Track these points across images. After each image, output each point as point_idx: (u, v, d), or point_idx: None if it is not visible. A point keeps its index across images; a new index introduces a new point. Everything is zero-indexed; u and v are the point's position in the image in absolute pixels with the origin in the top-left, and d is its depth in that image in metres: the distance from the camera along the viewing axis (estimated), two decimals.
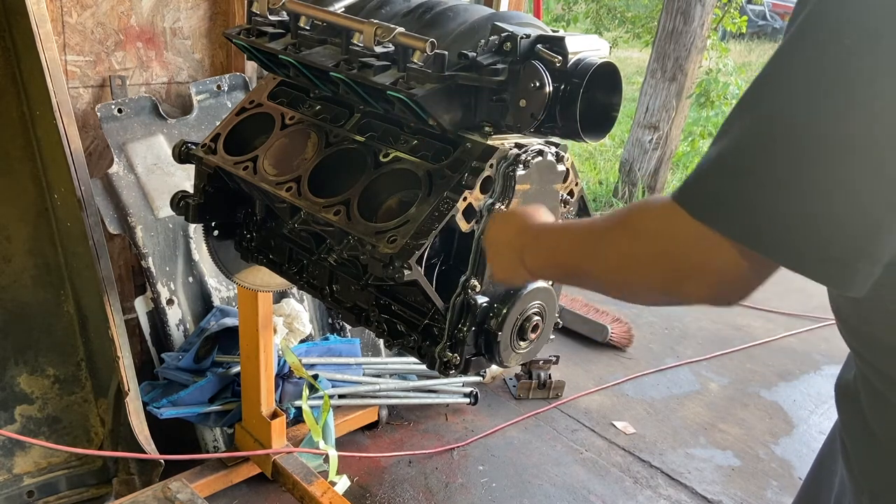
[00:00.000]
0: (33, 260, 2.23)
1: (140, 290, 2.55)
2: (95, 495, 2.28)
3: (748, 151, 0.72)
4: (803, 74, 0.70)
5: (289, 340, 2.51)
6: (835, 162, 0.67)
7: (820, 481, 1.15)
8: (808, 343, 3.84)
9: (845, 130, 0.67)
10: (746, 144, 0.72)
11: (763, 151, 0.70)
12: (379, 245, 1.33)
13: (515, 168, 1.34)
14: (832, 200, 0.68)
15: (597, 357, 3.50)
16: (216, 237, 1.89)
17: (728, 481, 2.74)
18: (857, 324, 0.90)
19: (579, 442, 2.88)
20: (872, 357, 0.89)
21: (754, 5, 13.54)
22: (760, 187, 0.70)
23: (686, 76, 5.30)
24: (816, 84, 0.69)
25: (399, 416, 2.88)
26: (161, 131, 2.51)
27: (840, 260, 0.70)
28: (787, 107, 0.70)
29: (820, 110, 0.68)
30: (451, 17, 1.44)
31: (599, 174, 6.52)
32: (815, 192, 0.68)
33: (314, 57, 1.50)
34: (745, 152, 0.72)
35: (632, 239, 0.84)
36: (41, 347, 2.25)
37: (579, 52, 1.27)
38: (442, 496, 2.52)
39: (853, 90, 0.67)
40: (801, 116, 0.69)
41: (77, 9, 2.32)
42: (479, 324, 1.37)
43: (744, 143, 0.72)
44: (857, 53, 0.67)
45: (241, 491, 2.42)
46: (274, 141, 1.65)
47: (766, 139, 0.71)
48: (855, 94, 0.67)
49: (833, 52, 0.68)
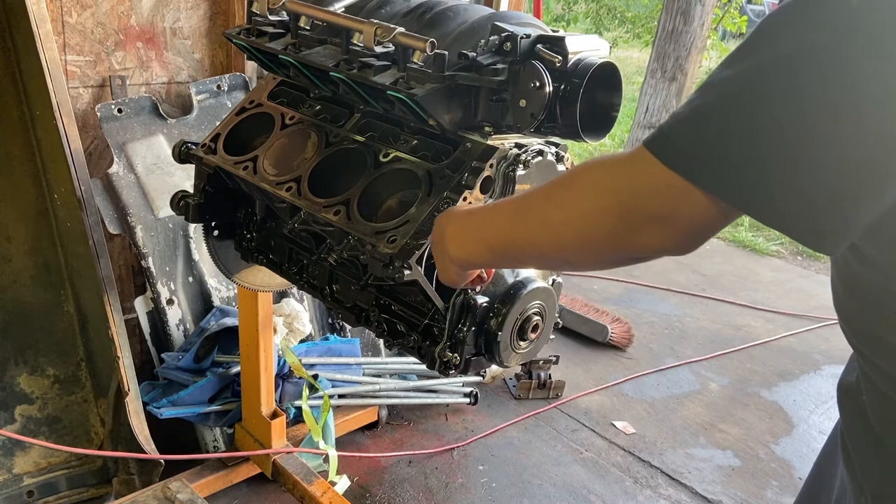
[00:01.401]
0: (33, 260, 2.23)
1: (140, 290, 2.55)
2: (95, 495, 2.28)
3: (729, 104, 0.72)
4: (792, 33, 0.71)
5: (289, 340, 2.51)
6: (816, 122, 0.68)
7: (820, 483, 1.15)
8: (808, 343, 3.84)
9: (828, 91, 0.67)
10: (728, 96, 0.72)
11: (745, 105, 0.71)
12: (379, 245, 1.33)
13: (515, 168, 1.34)
14: (813, 159, 0.68)
15: (597, 357, 3.51)
16: (216, 237, 1.89)
17: (728, 481, 2.74)
18: (859, 323, 0.91)
19: (579, 442, 2.88)
20: (875, 356, 0.89)
21: (754, 5, 13.53)
22: (740, 140, 0.70)
23: (686, 76, 5.30)
24: (803, 42, 0.70)
25: (399, 416, 2.88)
26: (161, 131, 2.51)
27: (815, 218, 0.71)
28: (773, 63, 0.71)
29: (804, 70, 0.68)
30: (451, 17, 1.44)
31: None
32: (796, 149, 0.69)
33: (314, 57, 1.50)
34: (726, 105, 0.72)
35: (580, 196, 0.82)
36: (41, 347, 2.25)
37: (579, 52, 1.27)
38: (442, 496, 2.52)
39: (838, 52, 0.68)
40: (785, 75, 0.69)
41: (77, 9, 2.32)
42: (479, 324, 1.37)
43: (725, 95, 0.73)
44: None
45: (241, 491, 2.43)
46: (274, 141, 1.65)
47: (748, 93, 0.71)
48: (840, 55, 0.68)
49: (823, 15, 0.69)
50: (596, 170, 0.83)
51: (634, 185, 0.77)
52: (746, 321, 4.02)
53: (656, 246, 0.78)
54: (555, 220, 0.85)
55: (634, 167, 0.78)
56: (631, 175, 0.78)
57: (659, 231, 0.77)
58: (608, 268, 0.90)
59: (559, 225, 0.85)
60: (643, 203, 0.76)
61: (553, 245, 0.87)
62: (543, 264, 0.90)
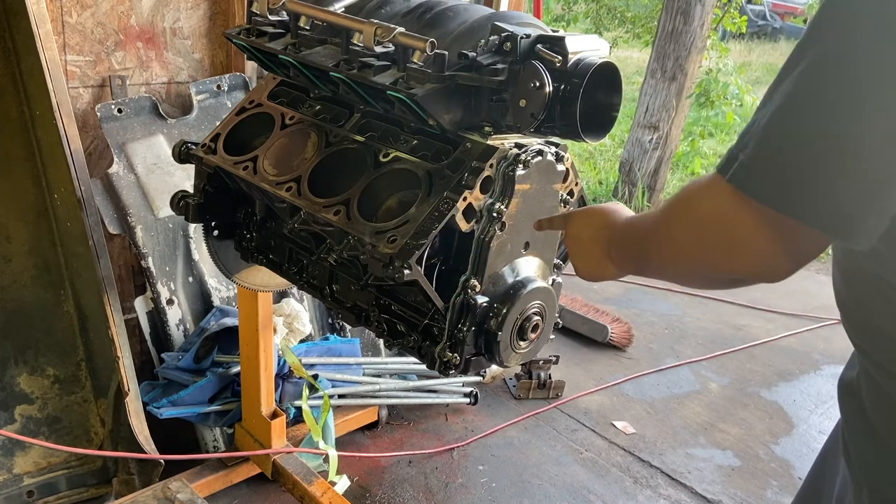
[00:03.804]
0: (33, 260, 2.23)
1: (140, 290, 2.55)
2: (95, 495, 2.28)
3: (788, 122, 0.74)
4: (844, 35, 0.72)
5: (289, 340, 2.51)
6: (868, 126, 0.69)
7: (821, 481, 1.15)
8: (808, 343, 3.84)
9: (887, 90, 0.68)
10: (788, 114, 0.74)
11: (804, 121, 0.73)
12: (379, 245, 1.33)
13: (515, 168, 1.34)
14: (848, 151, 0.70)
15: (597, 357, 3.50)
16: (216, 237, 1.89)
17: (728, 481, 2.74)
18: (859, 317, 0.91)
19: (579, 442, 2.88)
20: (876, 352, 0.90)
21: (754, 5, 13.54)
22: (801, 158, 0.73)
23: (686, 76, 5.30)
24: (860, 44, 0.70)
25: (399, 416, 2.88)
26: (161, 131, 2.51)
27: (849, 212, 0.72)
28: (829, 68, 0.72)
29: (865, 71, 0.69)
30: (451, 17, 1.44)
31: (599, 174, 6.52)
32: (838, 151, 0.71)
33: (314, 57, 1.50)
34: (785, 123, 0.74)
35: (681, 225, 0.87)
36: (41, 347, 2.25)
37: (579, 52, 1.27)
38: (442, 496, 2.52)
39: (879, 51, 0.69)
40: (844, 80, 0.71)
41: (77, 9, 2.32)
42: (479, 324, 1.37)
43: (784, 112, 0.74)
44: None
45: (241, 491, 2.42)
46: (274, 141, 1.65)
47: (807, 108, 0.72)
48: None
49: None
50: (687, 200, 0.88)
51: (709, 210, 0.81)
52: (746, 321, 4.02)
53: (739, 270, 0.82)
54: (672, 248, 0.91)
55: (708, 192, 0.82)
56: (705, 200, 0.82)
57: (738, 256, 0.80)
58: (718, 288, 0.97)
59: (675, 255, 0.91)
60: (718, 228, 0.80)
61: (674, 271, 0.95)
62: (675, 282, 1.00)
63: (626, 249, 1.06)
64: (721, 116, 6.91)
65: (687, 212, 0.86)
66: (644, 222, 1.01)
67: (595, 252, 1.13)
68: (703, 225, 0.82)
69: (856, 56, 0.70)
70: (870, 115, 0.69)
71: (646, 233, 0.98)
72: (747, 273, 0.81)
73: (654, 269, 0.99)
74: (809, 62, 0.73)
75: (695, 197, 0.85)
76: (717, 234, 0.80)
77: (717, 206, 0.79)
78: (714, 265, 0.83)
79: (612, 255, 1.09)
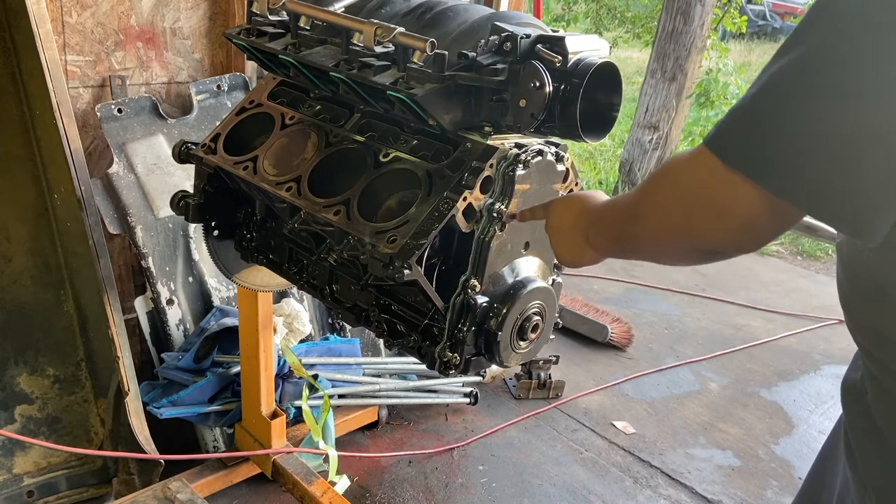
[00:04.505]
0: (33, 260, 2.23)
1: (140, 290, 2.55)
2: (95, 495, 2.28)
3: (775, 99, 0.75)
4: (838, 23, 0.73)
5: (289, 340, 2.51)
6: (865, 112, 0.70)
7: (821, 481, 1.15)
8: (808, 343, 3.84)
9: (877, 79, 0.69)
10: (775, 92, 0.76)
11: (787, 101, 0.74)
12: (379, 245, 1.33)
13: (515, 168, 1.34)
14: (857, 150, 0.71)
15: (597, 357, 3.50)
16: (216, 237, 1.89)
17: (728, 481, 2.74)
18: (863, 316, 0.91)
19: (579, 442, 2.88)
20: (880, 353, 0.90)
21: (754, 5, 13.54)
22: (784, 134, 0.74)
23: (686, 76, 5.30)
24: (850, 31, 0.72)
25: (399, 416, 2.88)
26: (161, 131, 2.51)
27: (861, 209, 0.73)
28: (814, 55, 0.73)
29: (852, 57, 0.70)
30: (451, 17, 1.44)
31: (599, 174, 6.52)
32: (839, 140, 0.71)
33: (314, 57, 1.50)
34: (771, 99, 0.76)
35: (667, 194, 0.89)
36: (41, 347, 2.25)
37: (579, 52, 1.27)
38: (442, 496, 2.52)
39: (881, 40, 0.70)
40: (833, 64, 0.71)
41: (77, 9, 2.32)
42: (479, 324, 1.37)
43: (772, 90, 0.76)
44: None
45: (241, 491, 2.42)
46: (274, 141, 1.65)
47: (795, 87, 0.74)
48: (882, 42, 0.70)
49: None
50: (675, 171, 0.89)
51: (694, 179, 0.83)
52: (746, 321, 4.02)
53: (719, 240, 0.83)
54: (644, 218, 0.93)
55: (694, 162, 0.83)
56: (691, 170, 0.84)
57: (718, 225, 0.81)
58: (695, 262, 0.97)
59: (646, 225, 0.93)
60: (702, 196, 0.82)
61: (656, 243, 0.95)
62: (655, 260, 1.00)
63: (606, 230, 1.08)
64: (721, 117, 6.90)
65: (674, 182, 0.88)
66: (625, 199, 1.03)
67: (575, 238, 1.15)
68: (689, 193, 0.84)
69: (846, 45, 0.71)
70: (856, 105, 0.70)
71: (628, 208, 0.99)
72: (729, 241, 0.83)
73: (634, 245, 1.00)
74: (805, 48, 0.75)
75: (682, 167, 0.86)
76: (701, 202, 0.82)
77: (703, 176, 0.81)
78: (698, 235, 0.85)
79: (591, 240, 1.11)
